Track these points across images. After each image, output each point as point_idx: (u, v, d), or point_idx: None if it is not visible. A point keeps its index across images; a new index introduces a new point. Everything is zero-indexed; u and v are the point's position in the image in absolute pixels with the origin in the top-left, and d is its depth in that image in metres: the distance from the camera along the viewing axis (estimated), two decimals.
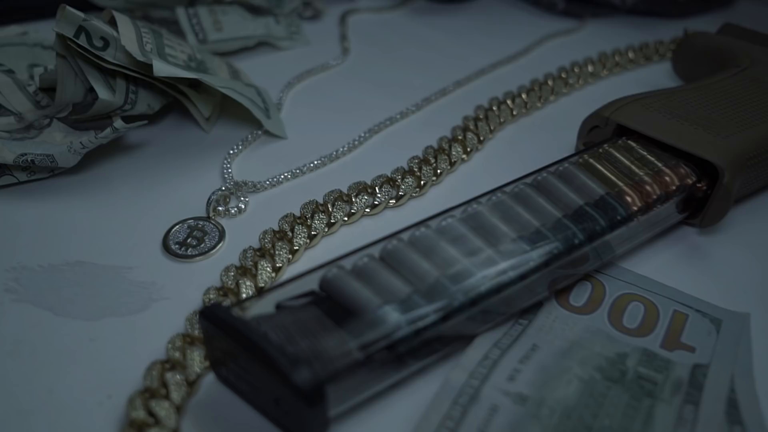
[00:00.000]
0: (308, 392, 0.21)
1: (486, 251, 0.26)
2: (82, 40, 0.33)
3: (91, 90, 0.35)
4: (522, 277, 0.26)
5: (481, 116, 0.39)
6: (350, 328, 0.23)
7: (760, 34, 0.42)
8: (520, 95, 0.41)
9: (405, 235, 0.27)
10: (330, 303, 0.25)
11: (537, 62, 0.46)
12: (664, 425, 0.23)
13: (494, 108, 0.39)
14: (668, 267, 0.31)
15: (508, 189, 0.29)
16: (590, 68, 0.44)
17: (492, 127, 0.38)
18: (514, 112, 0.40)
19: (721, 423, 0.24)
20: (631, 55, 0.46)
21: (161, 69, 0.33)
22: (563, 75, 0.43)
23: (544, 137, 0.38)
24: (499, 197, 0.29)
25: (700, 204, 0.32)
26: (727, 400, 0.25)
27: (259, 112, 0.37)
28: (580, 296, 0.29)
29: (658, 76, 0.45)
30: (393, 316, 0.24)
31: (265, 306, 0.24)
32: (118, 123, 0.32)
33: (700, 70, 0.41)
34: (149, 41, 0.35)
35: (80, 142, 0.32)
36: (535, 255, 0.27)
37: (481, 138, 0.37)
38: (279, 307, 0.25)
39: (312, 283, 0.25)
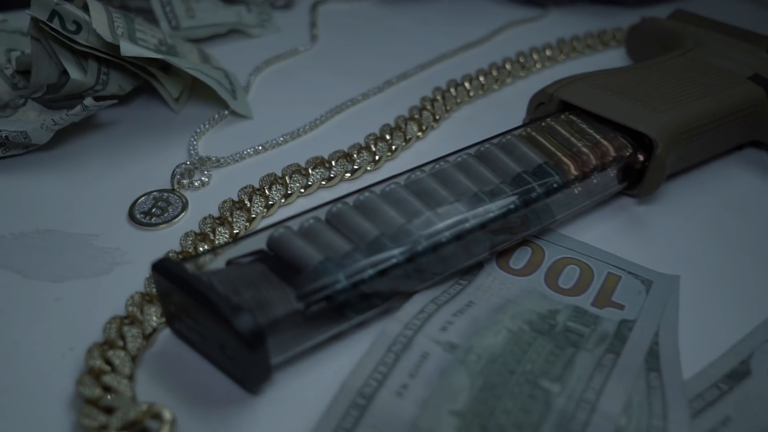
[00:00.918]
0: (248, 337, 0.23)
1: (425, 213, 0.28)
2: (56, 24, 0.35)
3: (65, 72, 0.37)
4: (458, 237, 0.28)
5: (437, 97, 0.40)
6: (292, 281, 0.25)
7: (708, 20, 0.43)
8: (477, 78, 0.43)
9: (350, 200, 0.29)
10: (275, 260, 0.26)
11: (499, 48, 0.47)
12: (582, 369, 0.25)
13: (451, 90, 0.41)
14: (607, 234, 0.33)
15: (451, 159, 0.31)
16: (548, 53, 0.46)
17: (448, 108, 0.40)
18: (471, 94, 0.42)
19: (639, 370, 0.26)
20: (588, 41, 0.48)
21: (128, 49, 0.34)
22: (521, 59, 0.45)
23: (498, 117, 0.40)
24: (441, 165, 0.31)
25: (639, 175, 0.34)
26: (648, 350, 0.27)
27: (225, 93, 0.38)
28: (520, 260, 0.31)
29: (614, 60, 0.47)
30: (332, 270, 0.25)
31: (216, 263, 0.26)
32: (88, 101, 0.34)
33: (650, 53, 0.43)
34: (120, 26, 0.37)
35: (52, 119, 0.34)
36: (471, 217, 0.28)
37: (437, 117, 0.39)
38: (229, 263, 0.26)
39: (261, 243, 0.27)
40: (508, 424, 0.23)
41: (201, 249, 0.30)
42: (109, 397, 0.24)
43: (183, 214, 0.33)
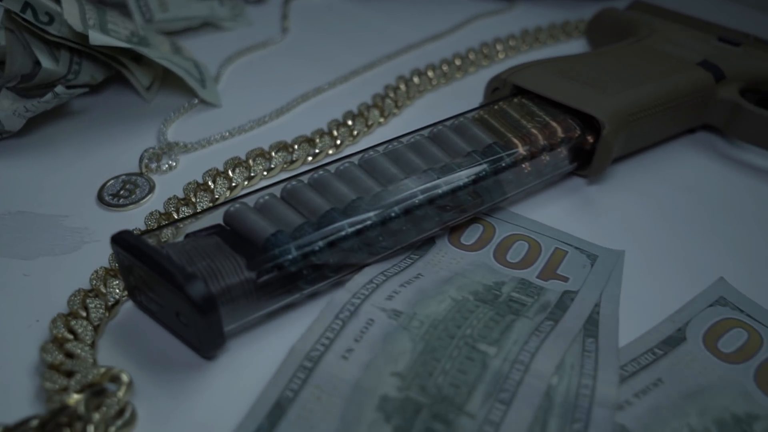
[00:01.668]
0: (200, 303, 0.24)
1: (375, 190, 0.29)
2: (29, 15, 0.36)
3: (39, 62, 0.38)
4: (406, 212, 0.29)
5: (401, 86, 0.42)
6: (245, 252, 0.26)
7: (665, 10, 0.45)
8: (440, 67, 0.44)
9: (305, 177, 0.30)
10: (231, 233, 0.28)
11: (464, 39, 0.49)
12: (519, 334, 0.26)
13: (414, 78, 0.43)
14: (558, 213, 0.34)
15: (404, 139, 0.32)
16: (511, 43, 0.47)
17: (411, 96, 0.42)
18: (434, 83, 0.43)
19: (576, 335, 0.27)
20: (552, 32, 0.49)
21: (97, 38, 0.36)
22: (484, 50, 0.46)
23: (459, 104, 0.41)
24: (395, 145, 0.32)
25: (589, 156, 0.35)
26: (588, 318, 0.28)
27: (194, 82, 0.40)
28: (471, 236, 0.32)
29: (576, 50, 0.48)
30: (283, 241, 0.27)
31: (175, 237, 0.27)
32: (59, 88, 0.35)
33: (609, 42, 0.44)
34: (92, 17, 0.39)
35: (24, 107, 0.36)
36: (420, 193, 0.30)
37: (399, 104, 0.40)
38: (187, 237, 0.28)
39: (219, 218, 0.28)
40: (445, 384, 0.24)
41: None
42: (70, 362, 0.25)
43: (150, 195, 0.34)
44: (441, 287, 0.29)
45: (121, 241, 0.26)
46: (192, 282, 0.24)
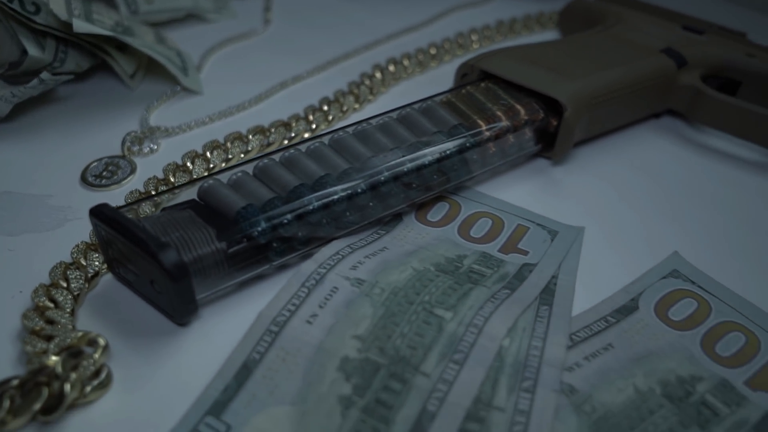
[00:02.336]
0: (172, 270, 0.26)
1: (342, 167, 0.31)
2: (16, 5, 0.38)
3: (26, 51, 0.39)
4: (372, 188, 0.31)
5: (376, 74, 0.43)
6: (217, 224, 0.28)
7: (633, 0, 0.46)
8: (416, 56, 0.45)
9: (277, 156, 0.31)
10: (205, 207, 0.29)
11: (442, 30, 0.50)
12: (476, 300, 0.28)
13: (390, 67, 0.44)
14: (523, 192, 0.36)
15: (373, 121, 0.34)
16: (486, 34, 0.49)
17: (386, 83, 0.43)
18: (409, 71, 0.44)
19: (530, 303, 0.29)
20: (527, 23, 0.51)
21: (80, 26, 0.37)
22: (459, 40, 0.48)
23: (432, 91, 0.42)
24: (364, 126, 0.33)
25: (553, 138, 0.36)
26: (544, 288, 0.30)
27: (176, 70, 0.41)
28: (437, 213, 0.34)
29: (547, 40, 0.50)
30: (253, 214, 0.28)
31: (153, 213, 0.29)
32: (44, 75, 0.37)
33: (580, 32, 0.46)
34: (77, 8, 0.40)
35: (11, 92, 0.37)
36: (386, 170, 0.31)
37: (374, 91, 0.42)
38: (163, 210, 0.29)
39: (194, 194, 0.30)
40: (403, 346, 0.26)
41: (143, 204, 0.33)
42: (50, 327, 0.27)
43: (131, 176, 0.36)
44: (404, 259, 0.30)
45: (99, 213, 0.28)
46: (165, 250, 0.26)
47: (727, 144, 0.41)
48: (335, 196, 0.30)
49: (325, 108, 0.40)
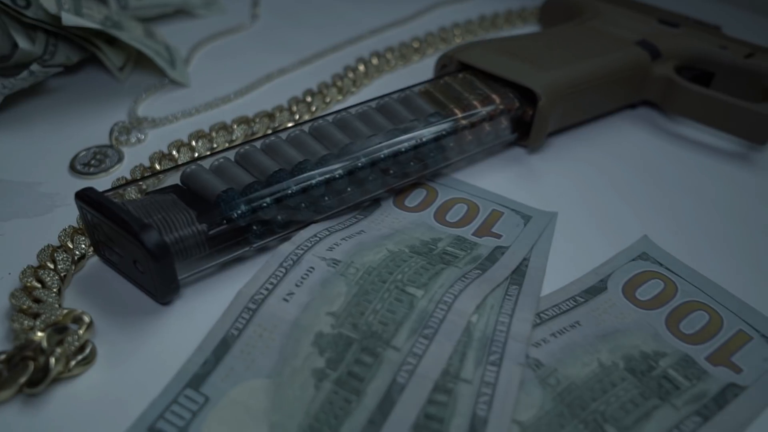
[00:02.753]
0: (154, 250, 0.27)
1: (321, 153, 0.32)
2: None
3: (17, 44, 0.40)
4: (349, 173, 0.32)
5: (360, 67, 0.44)
6: (198, 207, 0.29)
7: None
8: (399, 50, 0.46)
9: (258, 143, 0.32)
10: (187, 192, 0.30)
11: (426, 25, 0.51)
12: (446, 279, 0.29)
13: (373, 60, 0.45)
14: (499, 180, 0.37)
15: (353, 110, 0.35)
16: (469, 28, 0.50)
17: (369, 75, 0.44)
18: (392, 64, 0.46)
19: (500, 283, 0.30)
20: (508, 17, 0.52)
21: (69, 19, 0.38)
22: (442, 34, 0.49)
23: (413, 82, 0.44)
24: (343, 115, 0.34)
25: (529, 127, 0.38)
26: (515, 270, 0.31)
27: (163, 63, 0.42)
28: (415, 199, 0.35)
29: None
30: (234, 197, 0.29)
31: (136, 196, 0.30)
32: (34, 66, 0.38)
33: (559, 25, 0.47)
34: (67, 2, 0.41)
35: (2, 84, 0.38)
36: (363, 157, 0.32)
37: (357, 83, 0.43)
38: (146, 194, 0.30)
39: (178, 180, 0.31)
40: (375, 322, 0.27)
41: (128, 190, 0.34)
42: (36, 306, 0.28)
43: (118, 165, 0.37)
44: (380, 241, 0.31)
45: (85, 197, 0.29)
46: (147, 231, 0.27)
47: (699, 133, 0.42)
48: (313, 181, 0.31)
49: (309, 99, 0.41)
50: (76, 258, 0.31)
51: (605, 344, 0.28)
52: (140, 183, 0.31)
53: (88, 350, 0.27)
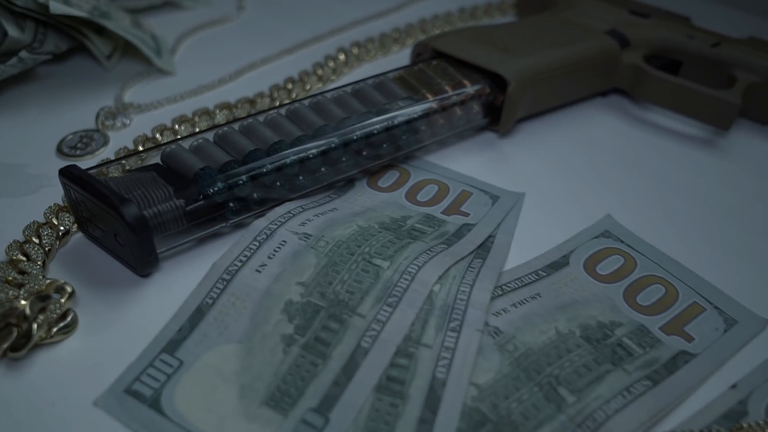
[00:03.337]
0: (132, 222, 0.28)
1: (296, 134, 0.33)
2: None
3: (6, 32, 0.42)
4: (323, 153, 0.33)
5: (340, 56, 0.46)
6: (177, 184, 0.30)
7: None
8: (379, 40, 0.48)
9: (236, 125, 0.34)
10: (167, 170, 0.32)
11: (407, 17, 0.53)
12: (412, 252, 0.30)
13: (354, 50, 0.47)
14: (471, 162, 0.38)
15: (329, 94, 0.36)
16: (448, 20, 0.51)
17: (349, 64, 0.46)
18: (371, 53, 0.47)
19: (464, 256, 0.31)
20: (486, 9, 0.53)
21: (57, 8, 0.40)
22: (422, 25, 0.50)
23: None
24: (319, 99, 0.36)
25: (500, 112, 0.39)
26: (480, 245, 0.32)
27: (149, 51, 0.44)
28: (388, 180, 0.36)
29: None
30: (211, 175, 0.31)
31: (118, 173, 0.31)
32: (23, 53, 0.39)
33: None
34: None
35: None
36: (337, 138, 0.34)
37: (337, 72, 0.44)
38: (128, 172, 0.32)
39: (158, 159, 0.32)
40: (342, 291, 0.28)
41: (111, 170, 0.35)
42: (21, 277, 0.29)
43: (104, 148, 0.38)
44: (351, 218, 0.33)
45: (68, 173, 0.30)
46: (126, 205, 0.28)
47: (668, 120, 0.43)
48: (287, 160, 0.32)
49: (290, 87, 0.42)
50: (60, 234, 0.32)
51: (563, 314, 0.30)
52: (122, 162, 0.32)
53: (69, 318, 0.28)
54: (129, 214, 0.28)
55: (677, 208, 0.36)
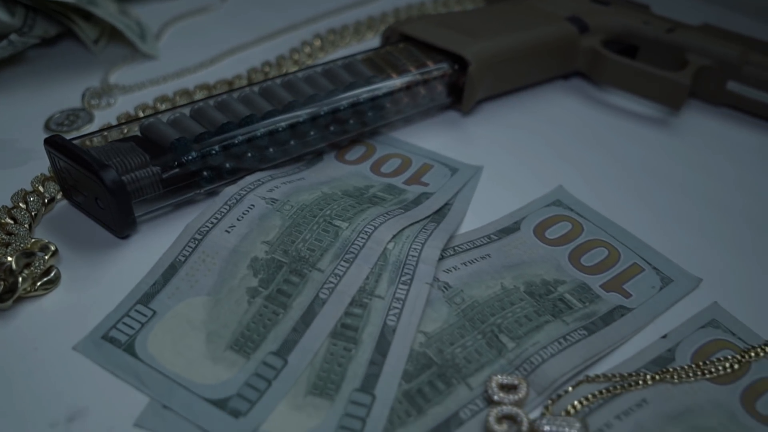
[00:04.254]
0: (111, 186, 0.30)
1: (266, 108, 0.36)
2: None
3: None
4: (291, 126, 0.35)
5: (316, 42, 0.48)
6: (154, 153, 0.33)
7: None
8: (354, 27, 0.50)
9: (211, 101, 0.36)
10: (144, 140, 0.34)
11: (383, 6, 0.55)
12: (370, 214, 0.33)
13: (330, 36, 0.49)
14: (434, 138, 0.41)
15: (300, 74, 0.39)
16: (422, 9, 0.54)
17: (325, 49, 0.48)
18: (347, 40, 0.49)
19: (419, 219, 0.33)
20: None
21: None
22: (396, 14, 0.53)
23: None
24: (290, 78, 0.38)
25: (462, 92, 0.41)
26: (437, 211, 0.35)
27: (134, 37, 0.46)
28: (354, 154, 0.39)
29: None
30: (186, 144, 0.33)
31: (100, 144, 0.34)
32: (13, 36, 0.42)
33: None
34: None
35: None
36: (305, 113, 0.36)
37: (312, 56, 0.47)
38: (109, 142, 0.34)
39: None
40: (303, 249, 0.31)
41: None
42: (8, 237, 0.32)
43: (89, 125, 0.41)
44: (317, 186, 0.35)
45: (53, 142, 0.32)
46: (106, 170, 0.30)
47: (625, 101, 0.46)
48: (258, 132, 0.35)
49: (267, 69, 0.45)
50: (46, 201, 0.34)
51: (510, 272, 0.32)
52: (105, 134, 0.35)
53: (52, 274, 0.31)
54: (108, 178, 0.30)
55: (627, 181, 0.39)
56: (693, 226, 0.36)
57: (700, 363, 0.29)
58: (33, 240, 0.31)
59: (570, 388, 0.27)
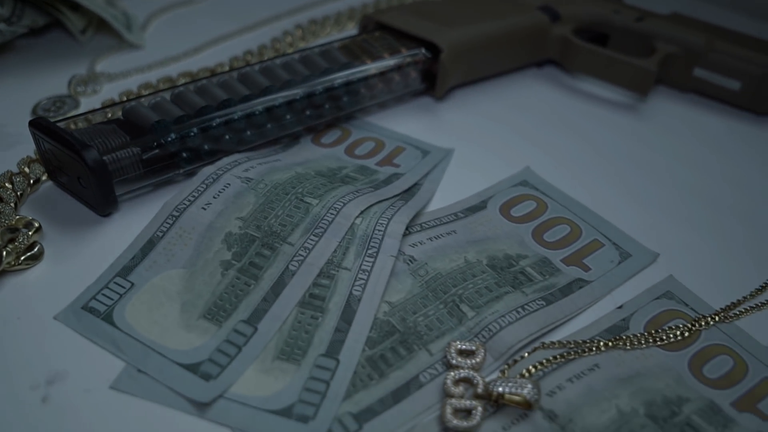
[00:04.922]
0: (92, 165, 0.32)
1: (244, 93, 0.37)
2: None
3: None
4: (267, 110, 0.37)
5: (297, 32, 0.50)
6: (135, 135, 0.34)
7: None
8: (335, 18, 0.52)
9: (192, 86, 0.38)
10: (126, 123, 0.35)
11: None
12: (339, 192, 0.34)
13: (311, 27, 0.51)
14: (408, 123, 0.42)
15: (278, 60, 0.40)
16: (401, 1, 0.55)
17: (306, 39, 0.49)
18: (327, 30, 0.51)
19: (387, 197, 0.35)
20: None
21: None
22: (377, 5, 0.54)
23: None
24: (268, 64, 0.40)
25: (436, 79, 0.43)
26: (406, 190, 0.36)
27: (120, 26, 0.48)
28: (330, 138, 0.40)
29: None
30: (165, 126, 0.34)
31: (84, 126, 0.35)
32: (1, 26, 0.43)
33: None
34: None
35: None
36: (281, 97, 0.37)
37: (293, 45, 0.48)
38: (92, 125, 0.35)
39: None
40: (275, 224, 0.32)
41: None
42: None
43: (75, 111, 0.42)
44: (292, 166, 0.37)
45: (38, 124, 0.34)
46: (87, 149, 0.32)
47: (595, 88, 0.47)
48: (235, 115, 0.36)
49: (249, 58, 0.46)
50: (31, 182, 0.36)
51: (474, 247, 0.34)
52: (88, 117, 0.36)
53: (36, 249, 0.32)
54: (90, 157, 0.32)
55: (593, 162, 0.40)
56: (654, 204, 0.37)
57: (653, 331, 0.30)
58: (18, 217, 0.33)
59: (526, 354, 0.29)
